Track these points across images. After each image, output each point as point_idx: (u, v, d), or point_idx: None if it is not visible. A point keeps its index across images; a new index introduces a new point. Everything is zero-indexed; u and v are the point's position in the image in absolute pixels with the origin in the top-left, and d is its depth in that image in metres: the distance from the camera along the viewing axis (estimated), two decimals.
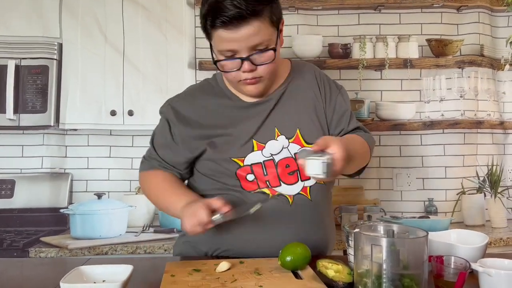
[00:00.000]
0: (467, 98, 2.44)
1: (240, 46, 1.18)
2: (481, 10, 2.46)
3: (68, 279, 0.95)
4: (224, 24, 1.15)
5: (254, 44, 1.19)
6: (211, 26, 1.18)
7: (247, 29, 1.16)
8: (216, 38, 1.19)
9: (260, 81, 1.26)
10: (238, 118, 1.32)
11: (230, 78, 1.27)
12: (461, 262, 1.01)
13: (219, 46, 1.20)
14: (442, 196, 2.43)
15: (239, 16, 1.14)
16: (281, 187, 1.29)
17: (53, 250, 2.13)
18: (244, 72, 1.22)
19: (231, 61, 1.21)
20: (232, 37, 1.16)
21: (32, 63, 2.37)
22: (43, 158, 2.41)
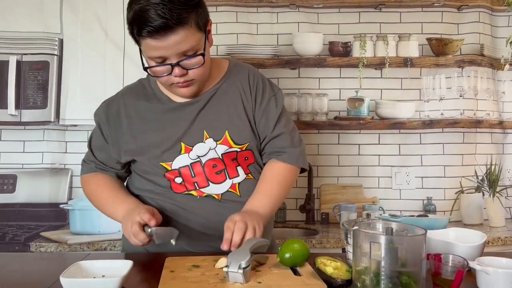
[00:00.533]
0: (466, 98, 2.45)
1: (169, 53, 1.18)
2: (482, 10, 2.46)
3: (67, 274, 0.95)
4: (150, 34, 1.14)
5: (182, 51, 1.19)
6: (137, 35, 1.17)
7: (173, 37, 1.15)
8: (144, 45, 1.19)
9: (192, 83, 1.26)
10: (167, 120, 1.32)
11: (162, 81, 1.27)
12: (459, 260, 1.00)
13: (148, 53, 1.20)
14: (441, 195, 2.44)
15: (164, 26, 1.13)
16: (209, 187, 1.30)
17: (53, 245, 2.14)
18: (176, 77, 1.22)
19: (161, 67, 1.21)
20: (160, 45, 1.16)
21: (33, 59, 2.38)
22: (44, 153, 2.43)
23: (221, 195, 1.31)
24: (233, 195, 1.32)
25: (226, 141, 1.31)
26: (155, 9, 1.12)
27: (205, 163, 1.30)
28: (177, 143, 1.30)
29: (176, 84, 1.25)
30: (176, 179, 1.31)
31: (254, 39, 2.47)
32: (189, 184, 1.30)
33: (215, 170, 1.30)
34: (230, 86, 1.35)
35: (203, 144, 1.30)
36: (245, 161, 1.35)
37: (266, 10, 2.48)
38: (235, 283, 0.98)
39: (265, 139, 1.36)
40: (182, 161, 1.30)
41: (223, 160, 1.31)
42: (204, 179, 1.30)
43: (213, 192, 1.31)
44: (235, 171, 1.33)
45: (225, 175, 1.31)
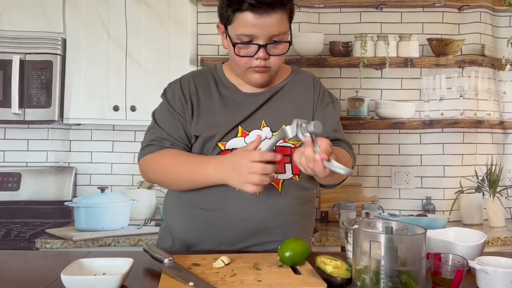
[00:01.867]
0: (467, 98, 2.44)
1: (261, 33, 1.22)
2: (483, 10, 2.45)
3: (68, 272, 0.95)
4: (253, 8, 1.19)
5: (273, 34, 1.23)
6: (236, 9, 1.21)
7: (272, 17, 1.21)
8: (238, 21, 1.22)
9: (268, 71, 1.30)
10: (231, 106, 1.36)
11: (241, 63, 1.29)
12: (458, 260, 1.01)
13: (239, 29, 1.23)
14: (440, 194, 2.44)
15: (269, 3, 1.19)
16: None
17: (58, 242, 2.18)
18: (257, 59, 1.26)
19: (248, 46, 1.25)
20: (257, 22, 1.20)
21: (37, 58, 2.39)
22: (48, 152, 2.45)
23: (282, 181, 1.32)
24: (274, 189, 1.32)
25: None
26: None
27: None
28: (236, 126, 1.33)
29: (253, 68, 1.29)
30: None
31: None
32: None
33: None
34: (294, 86, 1.42)
35: (259, 131, 1.33)
36: None
37: None
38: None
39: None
40: (237, 143, 1.32)
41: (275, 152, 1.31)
42: None
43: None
44: (282, 167, 1.34)
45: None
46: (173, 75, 2.44)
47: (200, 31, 2.46)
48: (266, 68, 1.29)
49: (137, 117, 2.39)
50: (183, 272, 1.01)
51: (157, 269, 1.06)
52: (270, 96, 1.38)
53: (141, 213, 2.39)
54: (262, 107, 1.37)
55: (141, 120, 2.39)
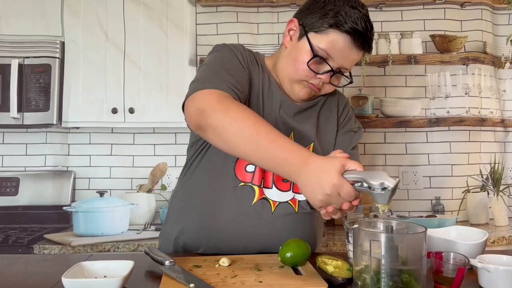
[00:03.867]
0: (471, 95, 2.42)
1: (341, 61, 1.20)
2: (484, 7, 2.44)
3: (69, 275, 0.95)
4: (353, 35, 1.17)
5: (346, 66, 1.23)
6: (336, 25, 1.17)
7: (357, 54, 1.20)
8: (329, 37, 1.18)
9: (316, 92, 1.28)
10: (267, 102, 1.28)
11: (302, 73, 1.23)
12: (460, 258, 1.00)
13: (324, 44, 1.19)
14: (449, 194, 2.41)
15: (365, 39, 1.18)
16: (271, 189, 1.26)
17: (56, 247, 2.15)
18: (318, 79, 1.23)
19: (323, 64, 1.21)
20: (346, 50, 1.18)
21: (35, 62, 2.39)
22: (46, 156, 2.44)
23: (277, 204, 1.26)
24: (290, 208, 1.27)
25: None
26: (368, 24, 1.19)
27: None
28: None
29: (309, 83, 1.24)
30: (248, 167, 1.25)
31: (255, 39, 2.47)
32: (257, 177, 1.25)
33: (283, 178, 1.25)
34: (328, 104, 1.38)
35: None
36: None
37: (266, 10, 2.48)
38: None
39: None
40: None
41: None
42: (270, 180, 1.26)
43: (272, 198, 1.26)
44: None
45: (290, 185, 1.27)
46: (172, 77, 2.48)
47: (199, 31, 2.46)
48: (318, 90, 1.26)
49: (135, 120, 2.39)
50: (184, 273, 1.00)
51: (158, 271, 1.05)
52: (304, 109, 1.33)
53: (140, 218, 2.37)
54: (293, 118, 1.30)
55: (139, 122, 2.39)
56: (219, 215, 1.24)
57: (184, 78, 2.38)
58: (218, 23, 2.45)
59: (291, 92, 1.29)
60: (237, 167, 1.25)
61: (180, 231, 1.31)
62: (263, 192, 1.26)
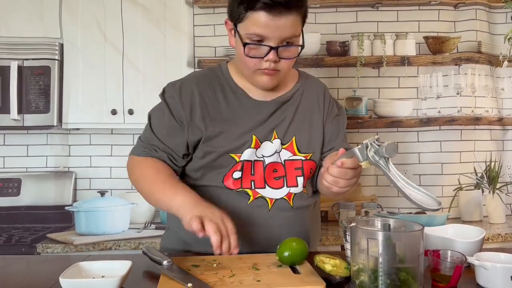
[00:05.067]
0: (464, 95, 2.44)
1: (273, 34, 1.17)
2: (479, 7, 2.45)
3: (67, 275, 0.95)
4: (267, 7, 1.14)
5: (285, 36, 1.18)
6: (250, 7, 1.16)
7: (286, 19, 1.16)
8: (250, 20, 1.17)
9: (277, 74, 1.25)
10: (240, 114, 1.30)
11: (250, 64, 1.23)
12: (457, 256, 1.01)
13: (250, 29, 1.17)
14: (439, 192, 2.44)
15: (284, 3, 1.14)
16: (265, 189, 1.28)
17: (59, 246, 2.18)
18: (266, 61, 1.21)
19: (259, 47, 1.19)
20: (270, 23, 1.15)
21: (35, 64, 2.40)
22: (48, 157, 2.47)
23: (274, 201, 1.29)
24: (286, 204, 1.29)
25: (291, 147, 1.30)
26: None
27: (267, 165, 1.28)
28: (249, 134, 1.28)
29: (262, 70, 1.23)
30: (235, 174, 1.27)
31: None
32: (246, 181, 1.27)
33: (274, 175, 1.29)
34: (305, 95, 1.37)
35: (270, 143, 1.29)
36: (310, 173, 1.33)
37: None
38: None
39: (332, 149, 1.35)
40: (249, 155, 1.27)
41: (285, 166, 1.29)
42: (262, 180, 1.28)
43: (267, 195, 1.28)
44: (294, 181, 1.30)
45: (283, 182, 1.29)
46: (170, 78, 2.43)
47: (197, 33, 2.47)
48: (275, 71, 1.24)
49: (135, 121, 2.39)
50: (182, 273, 1.01)
51: (156, 271, 1.06)
52: (280, 105, 1.33)
53: (141, 217, 2.39)
54: (272, 116, 1.31)
55: (139, 123, 2.37)
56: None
57: None
58: (216, 25, 2.45)
59: (257, 86, 1.29)
60: (225, 179, 1.29)
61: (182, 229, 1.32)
62: (257, 192, 1.28)
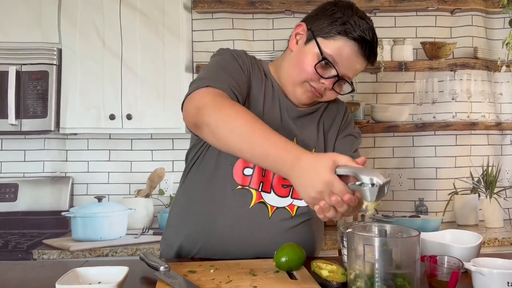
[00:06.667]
0: (459, 100, 2.46)
1: (346, 68, 1.21)
2: (475, 13, 2.48)
3: (63, 281, 0.94)
4: (361, 43, 1.18)
5: (350, 74, 1.24)
6: (345, 32, 1.19)
7: (361, 63, 1.22)
8: (337, 43, 1.20)
9: (318, 98, 1.28)
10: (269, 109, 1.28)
11: (307, 75, 1.23)
12: (454, 262, 1.01)
13: (332, 50, 1.20)
14: (433, 196, 2.47)
15: (372, 49, 1.21)
16: (270, 194, 1.27)
17: (56, 252, 2.17)
18: (321, 83, 1.23)
19: (330, 69, 1.22)
20: (352, 57, 1.20)
21: (32, 69, 2.40)
22: (45, 162, 2.46)
23: (275, 209, 1.27)
24: (286, 213, 1.27)
25: None
26: (374, 35, 1.22)
27: None
28: None
29: (311, 86, 1.25)
30: (246, 170, 1.25)
31: (250, 45, 2.49)
32: (256, 181, 1.25)
33: (283, 183, 1.27)
34: (327, 111, 1.38)
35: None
36: None
37: (261, 16, 2.51)
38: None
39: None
40: None
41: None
42: (269, 184, 1.26)
43: (270, 203, 1.26)
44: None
45: (289, 192, 1.28)
46: (168, 83, 2.50)
47: (195, 38, 2.48)
48: (319, 95, 1.26)
49: (133, 126, 2.40)
50: (179, 279, 1.01)
51: (153, 277, 1.05)
52: (304, 115, 1.33)
53: (138, 222, 2.38)
54: (295, 123, 1.31)
55: (137, 128, 2.41)
56: (218, 219, 1.25)
57: (181, 84, 2.40)
58: (214, 30, 2.47)
59: (293, 96, 1.30)
60: (234, 170, 1.25)
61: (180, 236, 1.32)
62: (261, 196, 1.27)
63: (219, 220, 1.25)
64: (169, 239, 1.37)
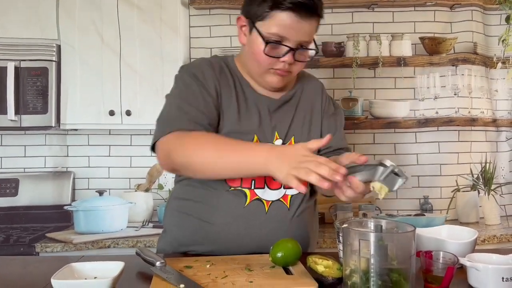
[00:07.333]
0: (461, 96, 2.45)
1: (295, 36, 1.17)
2: (474, 8, 2.46)
3: (59, 276, 0.94)
4: (295, 9, 1.14)
5: (304, 40, 1.19)
6: (276, 6, 1.15)
7: (310, 23, 1.17)
8: (274, 19, 1.16)
9: (288, 75, 1.25)
10: (245, 109, 1.28)
11: (265, 63, 1.22)
12: (449, 257, 1.01)
13: (272, 28, 1.17)
14: (437, 193, 2.45)
15: (312, 9, 1.16)
16: (264, 190, 1.27)
17: (59, 245, 2.20)
18: (282, 62, 1.20)
19: (279, 47, 1.19)
20: (294, 25, 1.16)
21: (32, 65, 2.40)
22: (46, 157, 2.48)
23: (270, 203, 1.27)
24: (282, 206, 1.29)
25: None
26: None
27: None
28: (252, 135, 1.26)
29: (275, 69, 1.23)
30: None
31: None
32: (247, 180, 1.25)
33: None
34: (304, 94, 1.37)
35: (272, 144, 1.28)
36: None
37: None
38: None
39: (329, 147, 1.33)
40: None
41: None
42: (262, 180, 1.26)
43: (264, 197, 1.27)
44: None
45: (280, 183, 1.27)
46: (167, 79, 2.47)
47: (193, 34, 2.47)
48: (287, 72, 1.24)
49: (132, 122, 2.41)
50: (175, 274, 1.01)
51: (149, 273, 1.06)
52: (282, 104, 1.32)
53: (139, 215, 2.41)
54: (274, 114, 1.30)
55: (136, 124, 2.41)
56: (214, 217, 1.26)
57: None
58: (211, 26, 2.46)
59: (265, 84, 1.29)
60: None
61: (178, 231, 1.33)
62: (255, 193, 1.27)
63: (216, 219, 1.26)
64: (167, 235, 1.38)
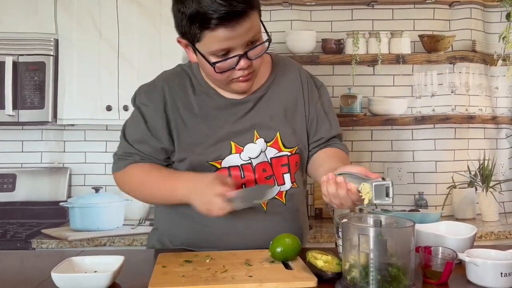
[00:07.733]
0: (458, 94, 2.46)
1: (238, 42, 1.10)
2: (474, 6, 2.46)
3: (59, 269, 0.95)
4: (223, 22, 1.05)
5: (250, 38, 1.11)
6: (203, 27, 1.07)
7: (245, 23, 1.08)
8: (209, 38, 1.09)
9: (253, 75, 1.19)
10: (215, 118, 1.24)
11: (222, 78, 1.16)
12: (448, 253, 1.02)
13: (212, 46, 1.10)
14: (432, 190, 2.46)
15: (239, 11, 1.05)
16: None
17: (54, 242, 2.19)
18: (240, 70, 1.14)
19: (228, 61, 1.12)
20: (231, 35, 1.07)
21: (29, 60, 2.39)
22: (42, 153, 2.47)
23: (267, 202, 1.25)
24: (279, 203, 1.27)
25: (276, 143, 1.26)
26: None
27: (255, 166, 1.24)
28: (227, 142, 1.23)
29: (237, 79, 1.17)
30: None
31: None
32: (238, 185, 1.22)
33: (265, 175, 1.25)
34: (281, 84, 1.30)
35: (254, 145, 1.24)
36: (295, 166, 1.29)
37: None
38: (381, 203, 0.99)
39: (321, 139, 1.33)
40: (233, 161, 1.23)
41: (272, 165, 1.25)
42: (253, 182, 1.24)
43: None
44: (281, 178, 1.27)
45: (274, 181, 1.26)
46: None
47: None
48: (251, 74, 1.18)
49: None
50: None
51: (149, 267, 1.06)
52: (256, 101, 1.26)
53: (135, 213, 2.40)
54: (249, 114, 1.25)
55: None
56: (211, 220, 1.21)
57: None
58: None
59: (234, 92, 1.24)
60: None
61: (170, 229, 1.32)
62: None
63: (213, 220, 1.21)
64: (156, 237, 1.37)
